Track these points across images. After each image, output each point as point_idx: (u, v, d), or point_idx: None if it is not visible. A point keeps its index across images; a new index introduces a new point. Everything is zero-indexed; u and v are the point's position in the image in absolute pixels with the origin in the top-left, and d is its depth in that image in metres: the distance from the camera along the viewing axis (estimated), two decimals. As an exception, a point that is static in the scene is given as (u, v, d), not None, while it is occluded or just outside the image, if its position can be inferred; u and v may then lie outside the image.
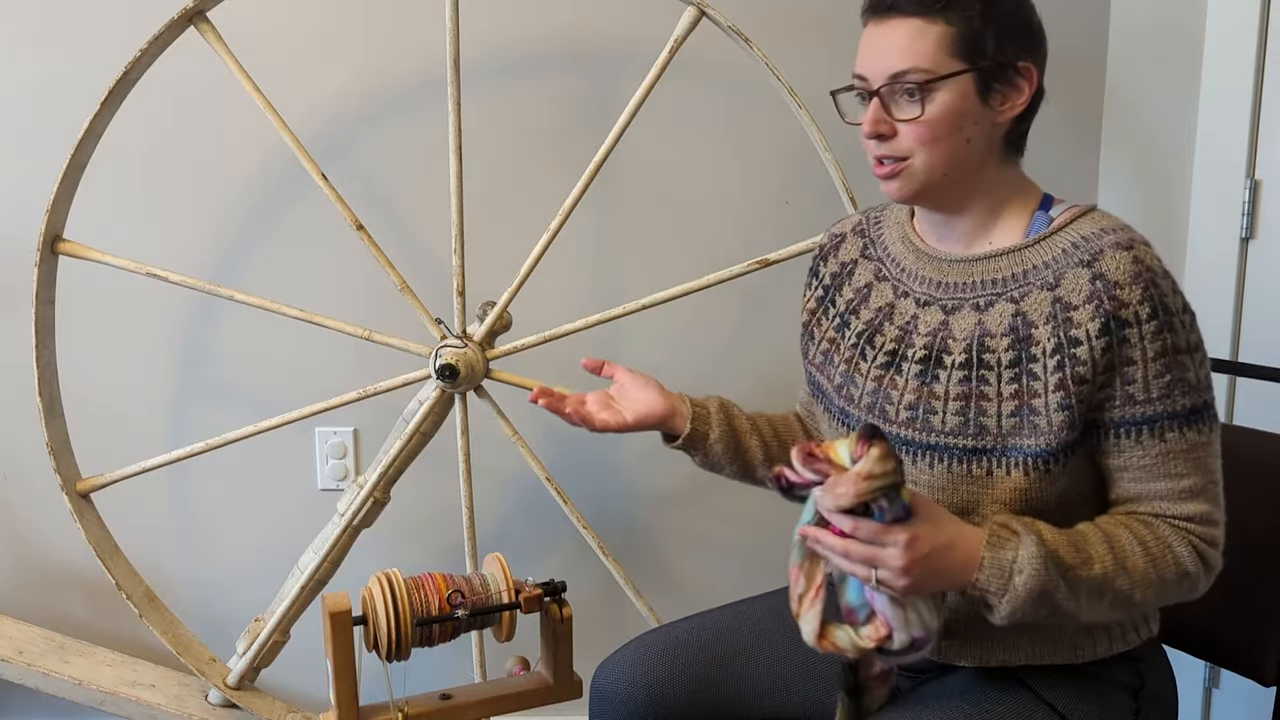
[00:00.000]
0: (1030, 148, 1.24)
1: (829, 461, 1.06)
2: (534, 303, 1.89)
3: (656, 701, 1.30)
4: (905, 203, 1.24)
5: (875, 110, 1.16)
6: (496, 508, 2.11)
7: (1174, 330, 1.11)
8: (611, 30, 1.95)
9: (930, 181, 1.18)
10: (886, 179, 1.19)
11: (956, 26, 1.14)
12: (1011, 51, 1.16)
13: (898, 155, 1.17)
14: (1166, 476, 1.13)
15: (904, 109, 1.15)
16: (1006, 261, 1.19)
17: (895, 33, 1.15)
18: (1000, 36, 1.15)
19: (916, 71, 1.14)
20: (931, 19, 1.14)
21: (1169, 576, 1.12)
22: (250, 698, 1.90)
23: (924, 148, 1.16)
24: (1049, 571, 1.07)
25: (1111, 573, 1.09)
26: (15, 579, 2.10)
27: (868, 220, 1.37)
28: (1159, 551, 1.11)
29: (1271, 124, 1.77)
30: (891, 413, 1.21)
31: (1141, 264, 1.11)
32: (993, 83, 1.16)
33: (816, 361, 1.34)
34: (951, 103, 1.14)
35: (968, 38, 1.14)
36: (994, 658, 1.22)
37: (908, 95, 1.15)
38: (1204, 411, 1.13)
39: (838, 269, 1.35)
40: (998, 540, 1.08)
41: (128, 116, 1.77)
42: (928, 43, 1.14)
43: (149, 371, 2.05)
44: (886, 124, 1.16)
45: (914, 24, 1.14)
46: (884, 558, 1.04)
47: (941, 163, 1.17)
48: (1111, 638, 1.22)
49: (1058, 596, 1.07)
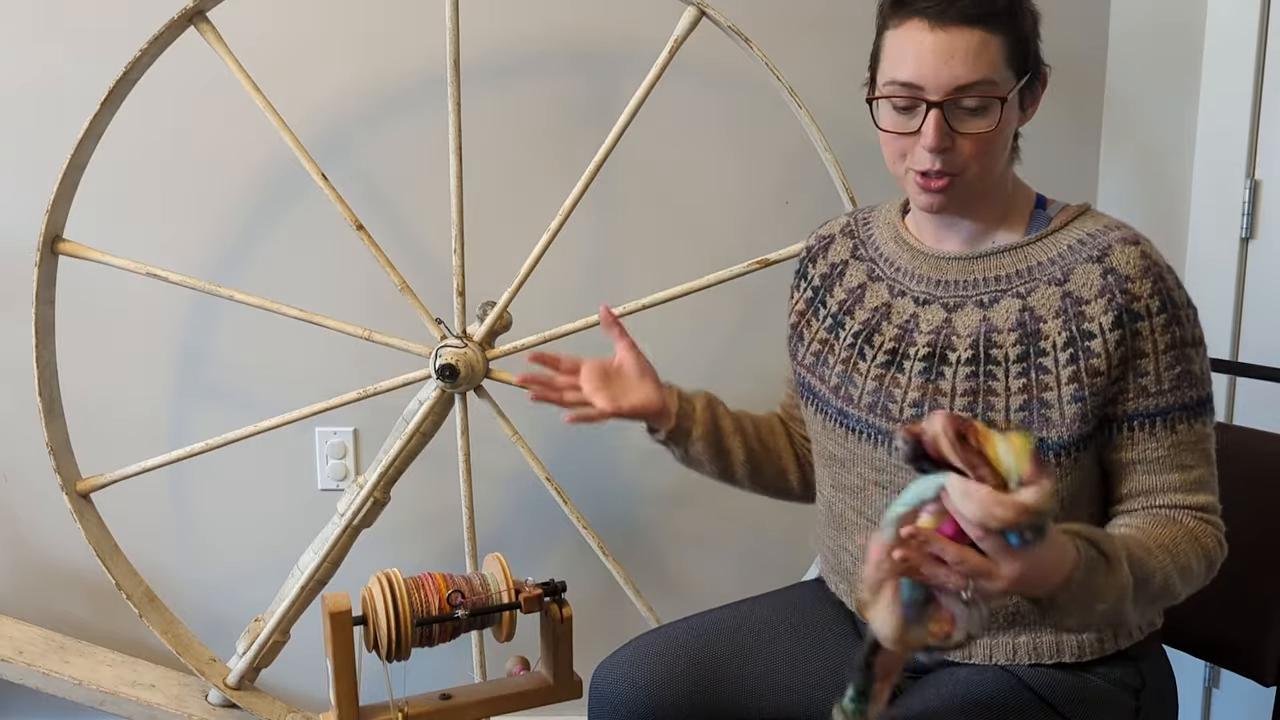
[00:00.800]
0: (1030, 148, 1.25)
1: (983, 458, 0.95)
2: (534, 303, 1.89)
3: (655, 702, 1.30)
4: (941, 213, 1.21)
5: (939, 124, 1.12)
6: (496, 508, 2.11)
7: (1181, 324, 1.13)
8: (611, 30, 1.95)
9: (973, 193, 1.18)
10: (936, 192, 1.16)
11: (1010, 37, 1.13)
12: (1040, 57, 1.18)
13: (954, 169, 1.15)
14: (1179, 468, 1.15)
15: (965, 122, 1.13)
16: (1010, 258, 1.20)
17: (958, 42, 1.11)
18: (1035, 43, 1.17)
19: (985, 84, 1.12)
20: (992, 30, 1.11)
21: (1201, 570, 1.14)
22: (250, 698, 1.90)
23: (979, 160, 1.15)
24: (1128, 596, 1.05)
25: (1170, 579, 1.10)
26: (15, 579, 2.10)
27: (856, 221, 1.37)
28: (1193, 548, 1.13)
29: (1271, 124, 1.77)
30: (895, 410, 1.21)
31: (1149, 259, 1.14)
32: (1026, 89, 1.17)
33: (807, 363, 1.34)
34: (1010, 114, 1.15)
35: (1019, 47, 1.14)
36: (995, 657, 1.22)
37: (969, 108, 1.12)
38: (1208, 404, 1.16)
39: (827, 270, 1.35)
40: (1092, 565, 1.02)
41: (128, 116, 1.77)
42: (992, 54, 1.12)
43: (149, 371, 2.05)
44: (948, 137, 1.13)
45: (977, 34, 1.11)
46: (995, 577, 0.96)
47: (990, 173, 1.17)
48: (1117, 636, 1.22)
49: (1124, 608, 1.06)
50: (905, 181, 1.19)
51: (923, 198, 1.18)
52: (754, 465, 1.41)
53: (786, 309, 1.41)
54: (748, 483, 1.43)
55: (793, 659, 1.33)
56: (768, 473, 1.43)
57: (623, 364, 1.34)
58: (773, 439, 1.44)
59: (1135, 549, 1.09)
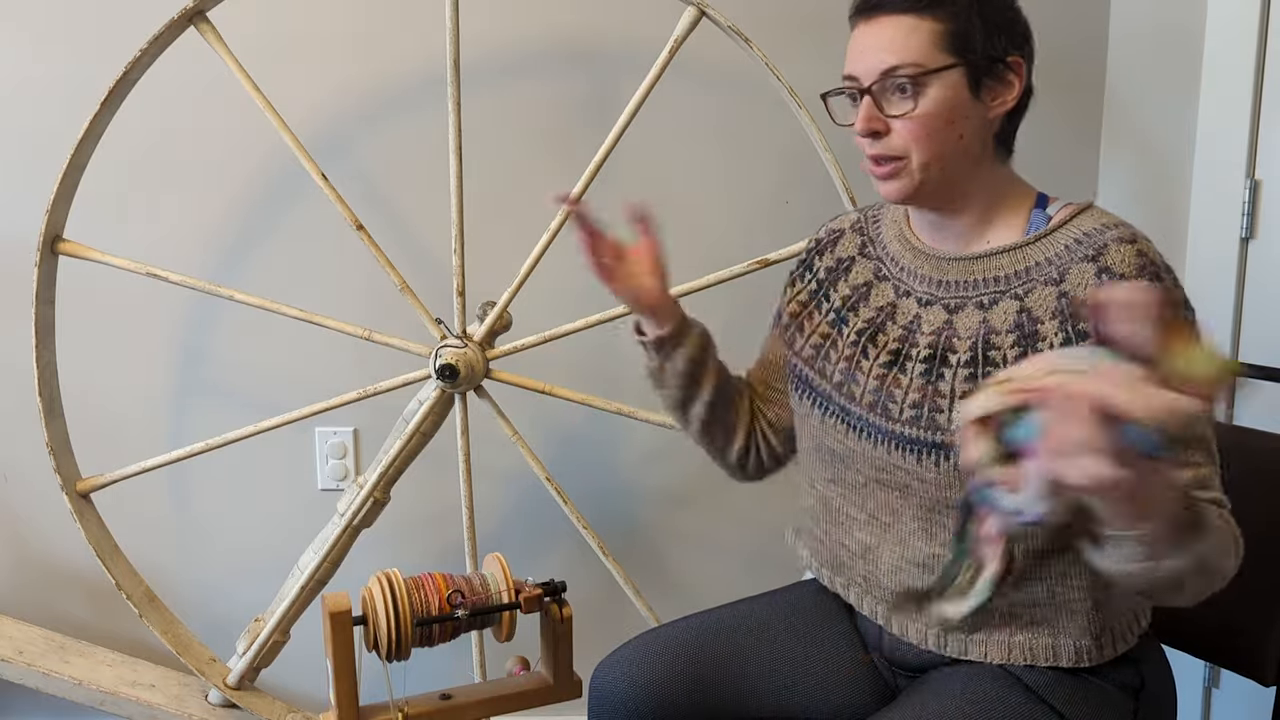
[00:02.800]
0: (1030, 148, 1.25)
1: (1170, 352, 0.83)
2: (534, 303, 1.89)
3: (655, 701, 1.30)
4: (902, 203, 1.24)
5: (868, 107, 1.17)
6: (496, 508, 2.11)
7: None
8: (611, 30, 1.95)
9: (926, 180, 1.18)
10: (885, 179, 1.19)
11: (945, 23, 1.15)
12: (1000, 46, 1.17)
13: (893, 154, 1.18)
14: (1187, 466, 1.13)
15: (896, 105, 1.16)
16: (1008, 259, 1.20)
17: (885, 30, 1.16)
18: (989, 31, 1.17)
19: (907, 66, 1.15)
20: (921, 15, 1.15)
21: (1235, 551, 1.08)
22: (250, 698, 1.90)
23: (918, 144, 1.16)
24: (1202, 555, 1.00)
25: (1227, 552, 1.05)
26: (15, 579, 2.10)
27: (866, 218, 1.37)
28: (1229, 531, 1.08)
29: (1271, 124, 1.77)
30: (895, 411, 1.21)
31: (1145, 257, 1.13)
32: (983, 77, 1.17)
33: (805, 355, 1.34)
34: (943, 97, 1.15)
35: (957, 33, 1.15)
36: (994, 657, 1.22)
37: (899, 91, 1.16)
38: None
39: (834, 264, 1.36)
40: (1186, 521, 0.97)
41: (128, 116, 1.77)
42: (918, 38, 1.15)
43: (149, 371, 2.05)
44: (879, 120, 1.17)
45: (904, 21, 1.15)
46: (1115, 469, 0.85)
47: (936, 159, 1.17)
48: (1115, 638, 1.22)
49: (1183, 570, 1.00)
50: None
51: (878, 186, 1.21)
52: (712, 415, 1.40)
53: (782, 296, 1.41)
54: (696, 427, 1.41)
55: (792, 658, 1.33)
56: (717, 430, 1.42)
57: (640, 250, 1.32)
58: (739, 401, 1.43)
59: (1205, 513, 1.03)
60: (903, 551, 1.23)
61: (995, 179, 1.22)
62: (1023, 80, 1.19)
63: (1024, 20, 1.21)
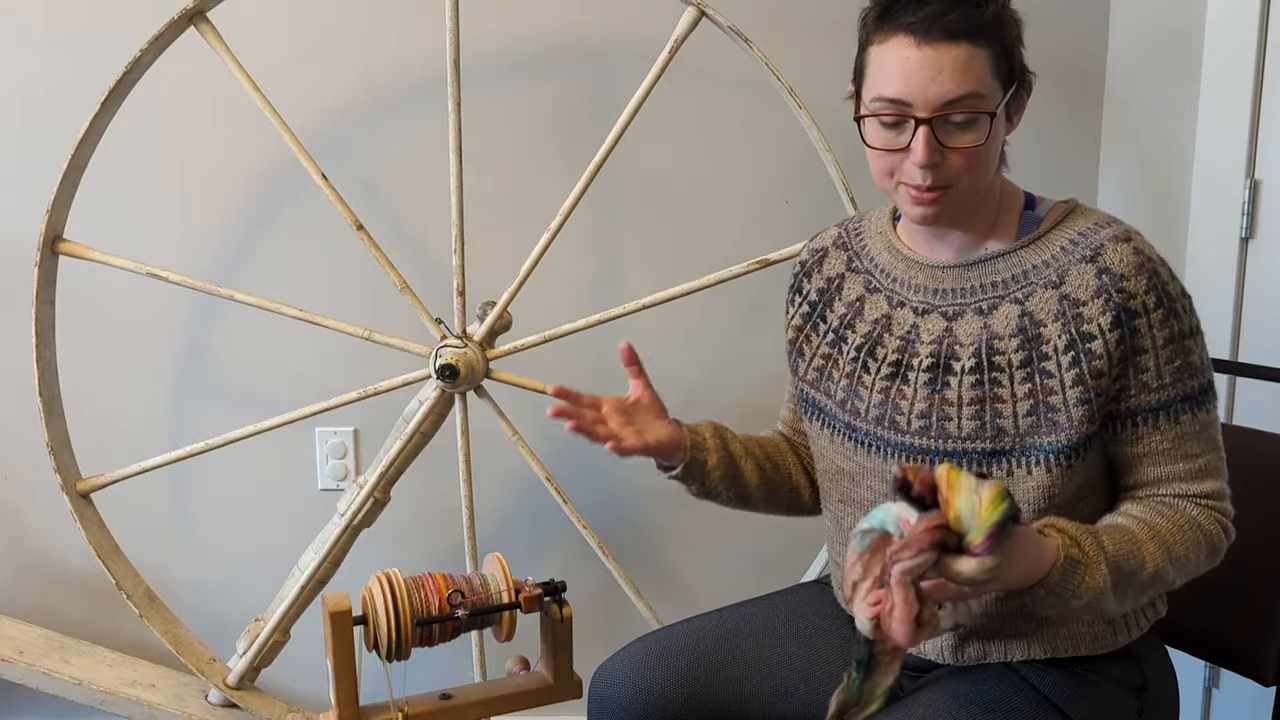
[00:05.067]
0: (1030, 148, 1.25)
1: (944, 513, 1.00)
2: (534, 303, 1.89)
3: (656, 705, 1.29)
4: (933, 225, 1.20)
5: (929, 140, 1.11)
6: (496, 508, 2.11)
7: (1178, 316, 1.14)
8: (611, 30, 1.95)
9: (965, 204, 1.17)
10: (928, 204, 1.16)
11: (995, 48, 1.12)
12: (1024, 65, 1.18)
13: (946, 183, 1.14)
14: (1184, 458, 1.16)
15: (954, 136, 1.12)
16: (1004, 263, 1.20)
17: (946, 58, 1.10)
18: (1019, 52, 1.17)
19: (973, 98, 1.11)
20: (977, 43, 1.11)
21: (1202, 557, 1.15)
22: (250, 698, 1.90)
23: (971, 173, 1.14)
24: (1106, 592, 1.08)
25: (1161, 569, 1.11)
26: (15, 579, 2.10)
27: (847, 232, 1.36)
28: (1194, 536, 1.14)
29: (1271, 124, 1.77)
30: (902, 423, 1.21)
31: (1142, 254, 1.14)
32: (1013, 99, 1.17)
33: (810, 378, 1.33)
34: (999, 126, 1.15)
35: (1004, 58, 1.14)
36: (998, 655, 1.22)
37: (958, 122, 1.12)
38: (1209, 391, 1.17)
39: (824, 284, 1.34)
40: (1069, 565, 1.06)
41: (128, 116, 1.77)
42: (979, 67, 1.11)
43: (149, 371, 2.05)
44: (938, 152, 1.12)
45: (965, 49, 1.10)
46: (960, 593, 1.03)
47: (980, 184, 1.17)
48: (1116, 631, 1.22)
49: (1103, 603, 1.09)
50: (896, 195, 1.19)
51: (915, 210, 1.17)
52: (768, 487, 1.39)
53: (784, 323, 1.40)
54: (763, 505, 1.41)
55: (793, 662, 1.33)
56: (781, 491, 1.41)
57: (639, 400, 1.31)
58: (780, 457, 1.42)
59: (1124, 543, 1.10)
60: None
61: (994, 186, 1.22)
62: (1030, 91, 1.20)
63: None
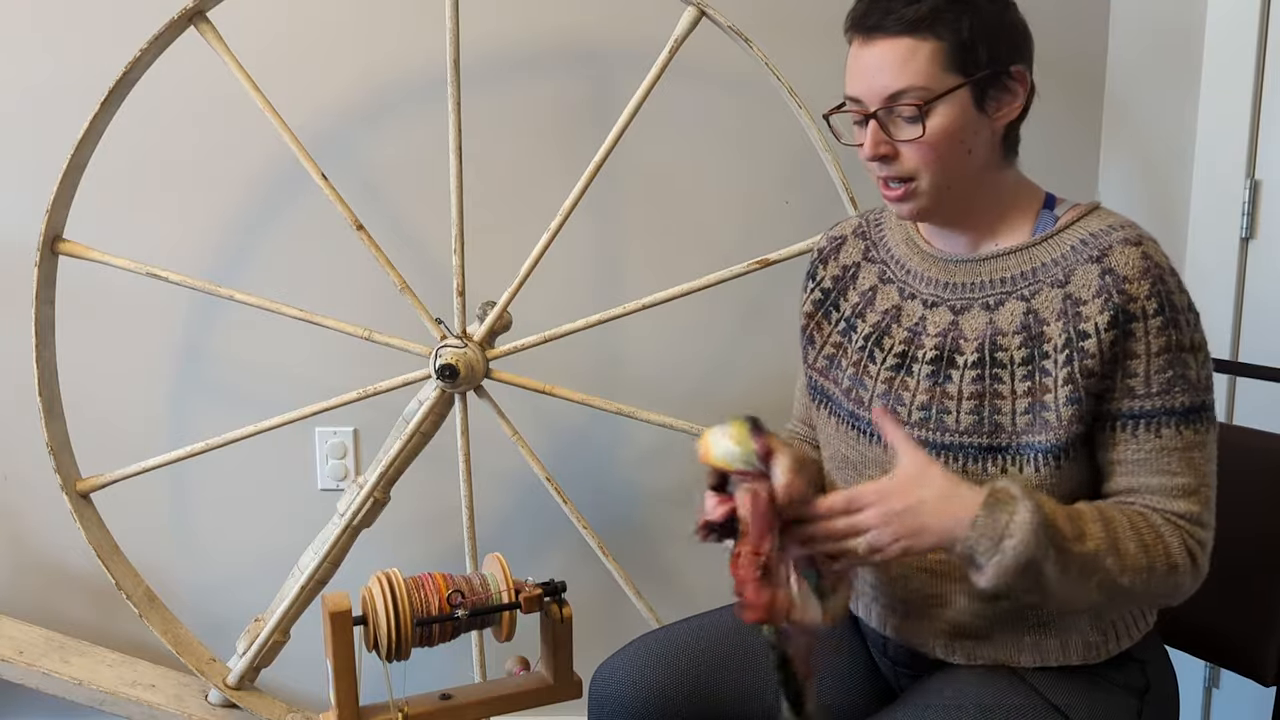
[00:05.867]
0: (1030, 148, 1.24)
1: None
2: (534, 303, 1.89)
3: (656, 704, 1.29)
4: (917, 220, 1.23)
5: (875, 133, 1.15)
6: (496, 508, 2.11)
7: (1178, 327, 1.12)
8: (611, 30, 1.95)
9: (939, 198, 1.18)
10: (897, 201, 1.18)
11: (947, 40, 1.13)
12: (1003, 57, 1.15)
13: (904, 175, 1.16)
14: (1160, 472, 1.12)
15: (903, 130, 1.14)
16: (1015, 260, 1.19)
17: (886, 53, 1.13)
18: (990, 44, 1.14)
19: (913, 90, 1.13)
20: (919, 36, 1.12)
21: (1158, 567, 1.10)
22: (250, 698, 1.90)
23: (928, 166, 1.15)
24: (1040, 539, 1.04)
25: (1104, 552, 1.08)
26: (15, 579, 2.10)
27: (868, 222, 1.37)
28: (1151, 539, 1.10)
29: (1271, 124, 1.77)
30: (903, 414, 1.21)
31: (1150, 260, 1.12)
32: (988, 90, 1.15)
33: (819, 366, 1.33)
34: (951, 118, 1.14)
35: (959, 50, 1.13)
36: (997, 657, 1.22)
37: (906, 116, 1.14)
38: (1202, 412, 1.13)
39: (839, 272, 1.35)
40: (994, 501, 1.06)
41: (128, 116, 1.77)
42: (921, 61, 1.12)
43: (149, 371, 2.05)
44: (888, 145, 1.15)
45: (904, 43, 1.13)
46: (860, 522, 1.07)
47: (946, 178, 1.17)
48: (1119, 633, 1.22)
49: (1045, 568, 1.05)
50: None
51: (891, 206, 1.21)
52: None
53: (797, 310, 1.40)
54: None
55: (793, 659, 1.33)
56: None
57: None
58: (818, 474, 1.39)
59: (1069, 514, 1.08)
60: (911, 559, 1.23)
61: (1003, 181, 1.21)
62: (1026, 86, 1.18)
63: (1022, 22, 1.19)
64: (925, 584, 1.23)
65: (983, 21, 1.14)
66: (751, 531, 1.06)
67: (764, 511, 1.07)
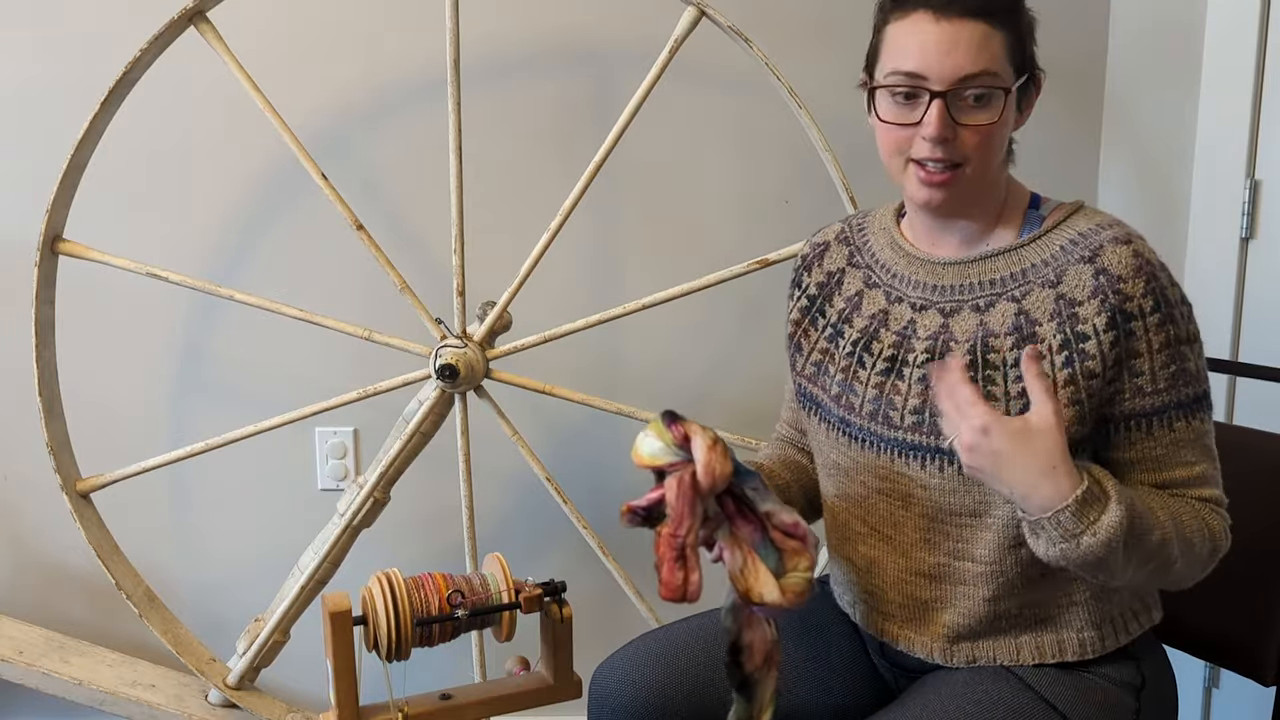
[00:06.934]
0: (1030, 148, 1.25)
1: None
2: (534, 303, 1.89)
3: (656, 704, 1.29)
4: (941, 211, 1.20)
5: (941, 112, 1.12)
6: (496, 508, 2.11)
7: (1175, 322, 1.13)
8: (611, 30, 1.95)
9: (976, 188, 1.18)
10: (937, 186, 1.16)
11: (1010, 34, 1.14)
12: (1035, 60, 1.19)
13: (955, 161, 1.15)
14: (1180, 465, 1.15)
15: (969, 114, 1.13)
16: (1004, 261, 1.19)
17: (962, 33, 1.11)
18: (1032, 46, 1.18)
19: (988, 75, 1.12)
20: (993, 24, 1.12)
21: (1206, 550, 1.14)
22: (250, 698, 1.91)
23: (979, 154, 1.15)
24: (1119, 539, 1.05)
25: (1170, 541, 1.10)
26: (15, 579, 2.10)
27: (851, 228, 1.36)
28: (1199, 525, 1.13)
29: (1271, 124, 1.77)
30: (896, 418, 1.21)
31: (1141, 257, 1.13)
32: (1027, 89, 1.18)
33: (807, 373, 1.33)
34: (1009, 110, 1.15)
35: (1018, 45, 1.15)
36: (995, 657, 1.22)
37: (973, 100, 1.13)
38: (1205, 400, 1.16)
39: (824, 279, 1.34)
40: (1086, 500, 1.05)
41: (128, 116, 1.77)
42: (995, 47, 1.13)
43: (149, 371, 2.05)
44: (950, 127, 1.13)
45: (980, 27, 1.12)
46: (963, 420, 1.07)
47: (989, 170, 1.17)
48: (1117, 629, 1.22)
49: (1111, 560, 1.07)
50: (904, 176, 1.18)
51: (923, 192, 1.17)
52: (814, 507, 1.40)
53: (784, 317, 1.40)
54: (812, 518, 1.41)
55: (792, 659, 1.33)
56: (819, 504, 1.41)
57: None
58: (805, 476, 1.41)
59: (1141, 501, 1.10)
60: (905, 564, 1.24)
61: (1000, 182, 1.22)
62: (1040, 89, 1.21)
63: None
64: (919, 588, 1.23)
65: (1029, 23, 1.18)
66: (671, 514, 1.09)
67: (683, 494, 1.09)
